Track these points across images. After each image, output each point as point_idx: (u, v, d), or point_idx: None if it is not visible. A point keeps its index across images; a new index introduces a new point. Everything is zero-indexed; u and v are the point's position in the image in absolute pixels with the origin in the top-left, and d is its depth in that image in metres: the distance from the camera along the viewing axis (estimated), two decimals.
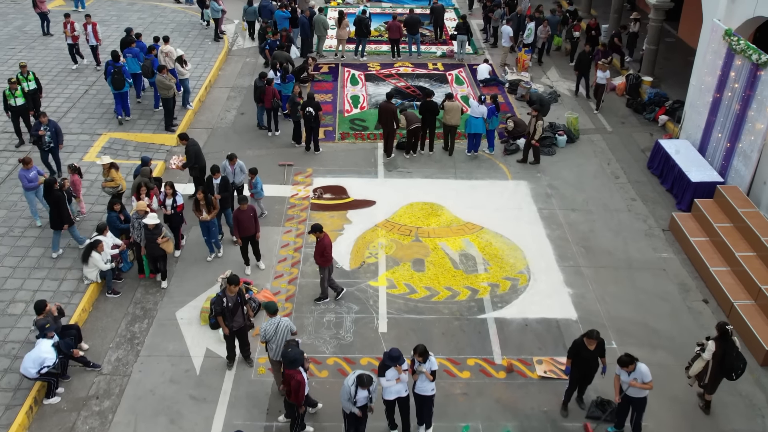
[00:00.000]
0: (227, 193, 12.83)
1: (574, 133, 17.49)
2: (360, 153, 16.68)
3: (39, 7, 22.57)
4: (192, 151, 13.84)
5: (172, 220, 12.61)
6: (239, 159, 13.57)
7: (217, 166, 12.85)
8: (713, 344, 9.39)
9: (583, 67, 19.47)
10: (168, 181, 12.52)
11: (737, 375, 9.44)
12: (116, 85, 16.94)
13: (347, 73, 21.17)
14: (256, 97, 17.01)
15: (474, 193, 15.12)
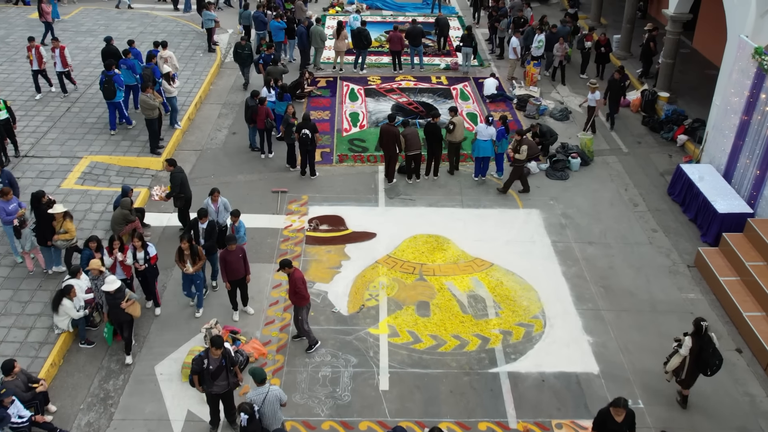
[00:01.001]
0: (213, 240, 11.56)
1: (588, 155, 16.36)
2: (359, 178, 15.55)
3: (44, 16, 21.51)
4: (178, 179, 12.73)
5: (146, 274, 11.23)
6: (229, 186, 12.50)
7: (204, 210, 11.55)
8: (690, 340, 9.49)
9: (613, 95, 17.61)
10: (136, 233, 11.18)
11: (712, 371, 9.60)
12: (106, 94, 16.02)
13: (346, 87, 20.05)
14: (247, 117, 15.88)
15: (482, 224, 14.01)
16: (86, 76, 19.68)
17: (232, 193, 14.71)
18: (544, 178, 15.69)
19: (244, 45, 19.02)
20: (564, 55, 19.94)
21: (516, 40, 20.09)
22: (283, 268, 10.35)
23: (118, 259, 11.02)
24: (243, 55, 19.12)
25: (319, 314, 11.54)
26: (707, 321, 9.62)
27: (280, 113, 16.33)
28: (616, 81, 17.44)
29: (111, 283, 10.11)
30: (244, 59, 19.18)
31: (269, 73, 17.41)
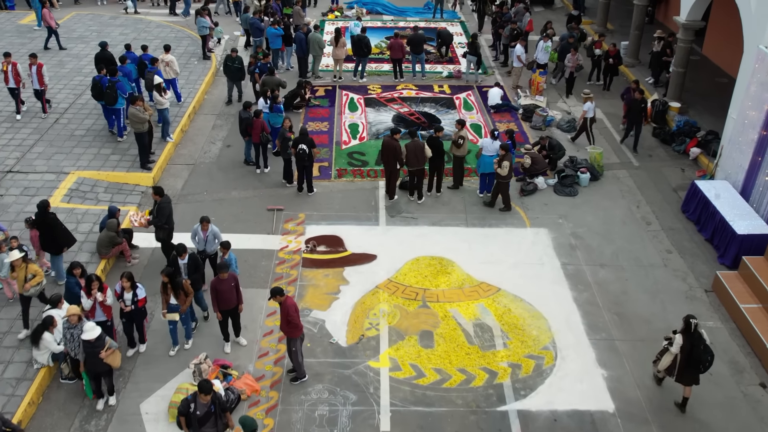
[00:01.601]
0: (197, 275, 10.77)
1: (598, 169, 15.68)
2: (359, 194, 14.87)
3: (47, 21, 20.91)
4: (166, 210, 11.83)
5: (133, 317, 10.29)
6: (223, 203, 11.81)
7: (183, 246, 10.74)
8: (680, 338, 9.45)
9: (634, 116, 16.44)
10: (125, 272, 10.15)
11: (705, 368, 9.55)
12: (108, 100, 15.61)
13: (345, 96, 19.36)
14: (241, 130, 15.20)
15: (488, 245, 13.33)
16: (76, 85, 19.01)
17: (226, 211, 14.09)
18: (552, 195, 15.01)
19: (234, 58, 17.87)
20: (575, 66, 19.11)
21: (520, 47, 19.40)
22: (275, 296, 9.71)
23: (98, 300, 10.07)
24: (233, 68, 18.00)
25: (315, 345, 10.87)
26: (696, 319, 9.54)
27: (276, 125, 15.67)
28: (637, 101, 16.28)
29: (90, 331, 9.15)
30: (234, 73, 18.06)
31: (265, 83, 16.73)
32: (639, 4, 20.94)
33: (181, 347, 10.74)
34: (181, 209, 14.10)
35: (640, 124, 16.55)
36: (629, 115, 16.68)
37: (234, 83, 18.33)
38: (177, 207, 14.12)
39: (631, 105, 16.52)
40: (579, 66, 19.27)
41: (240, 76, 18.12)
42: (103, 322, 10.04)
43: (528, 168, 15.10)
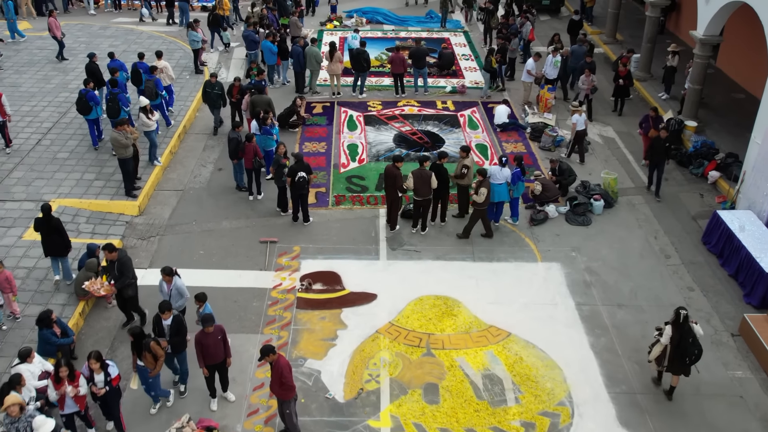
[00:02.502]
0: (179, 338, 9.60)
1: (612, 196, 14.75)
2: (358, 224, 13.95)
3: (53, 31, 20.15)
4: (128, 265, 10.58)
5: (107, 399, 8.98)
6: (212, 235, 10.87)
7: (168, 304, 9.63)
8: (670, 329, 9.60)
9: (657, 156, 14.52)
10: (93, 351, 8.95)
11: (691, 360, 9.67)
12: (110, 113, 15.23)
13: (344, 114, 18.43)
14: (230, 151, 14.26)
15: (497, 282, 12.40)
16: (61, 102, 18.10)
17: (216, 243, 13.18)
18: (563, 224, 14.09)
19: (214, 83, 16.35)
20: (591, 88, 17.98)
21: (531, 61, 18.45)
22: (265, 356, 8.80)
23: (68, 393, 8.68)
24: (212, 95, 16.45)
25: (310, 401, 9.95)
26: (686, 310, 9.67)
27: (267, 149, 14.76)
28: (660, 140, 14.35)
29: (42, 427, 7.85)
30: (214, 100, 16.52)
31: (254, 103, 15.80)
32: (651, 16, 20.00)
33: (164, 404, 9.83)
34: (167, 242, 13.22)
35: (663, 166, 14.71)
36: (652, 155, 14.79)
37: (214, 111, 16.87)
38: (164, 239, 13.31)
39: (653, 143, 14.62)
40: (594, 88, 18.03)
41: (220, 103, 16.62)
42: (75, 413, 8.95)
43: (538, 195, 14.18)
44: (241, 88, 16.49)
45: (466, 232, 13.48)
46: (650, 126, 15.65)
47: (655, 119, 15.68)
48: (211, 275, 12.33)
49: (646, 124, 15.93)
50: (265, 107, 15.46)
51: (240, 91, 16.45)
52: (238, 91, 16.49)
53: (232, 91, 16.64)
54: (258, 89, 16.65)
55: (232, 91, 16.62)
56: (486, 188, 12.87)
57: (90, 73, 16.58)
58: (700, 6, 16.70)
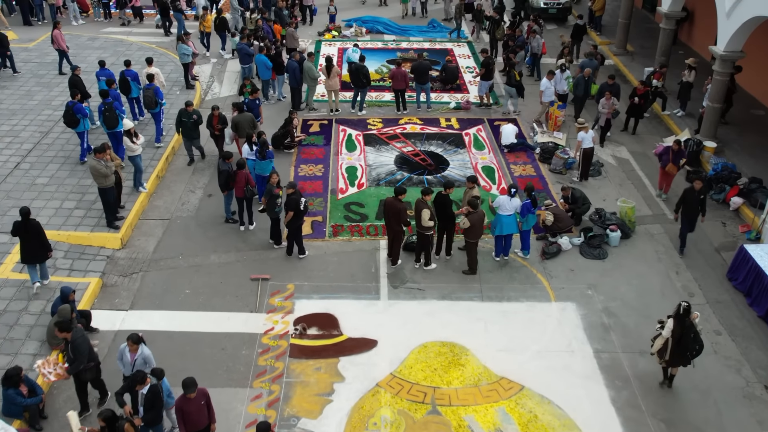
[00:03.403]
0: (154, 412, 8.55)
1: (630, 226, 13.77)
2: (357, 258, 12.97)
3: (58, 43, 19.31)
4: (84, 346, 9.10)
5: None
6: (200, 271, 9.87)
7: (143, 375, 8.55)
8: (671, 322, 9.60)
9: (689, 211, 12.85)
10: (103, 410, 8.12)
11: (692, 355, 9.69)
12: (108, 123, 14.57)
13: (342, 132, 17.45)
14: (221, 183, 13.27)
15: (507, 325, 11.43)
16: (44, 121, 17.15)
17: (203, 281, 12.21)
18: (578, 257, 13.12)
19: (189, 112, 14.83)
20: (612, 112, 16.74)
21: (547, 81, 17.36)
22: None
23: None
24: (188, 124, 14.84)
25: None
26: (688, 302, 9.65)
27: (266, 175, 13.80)
28: (693, 192, 12.64)
29: None
30: (190, 130, 14.93)
31: (237, 124, 14.86)
32: (666, 28, 19.05)
33: None
34: (151, 279, 12.25)
35: (695, 221, 12.97)
36: (684, 208, 12.86)
37: (190, 142, 15.35)
38: (147, 276, 12.36)
39: (686, 196, 12.74)
40: (616, 111, 16.80)
41: (197, 133, 15.19)
42: None
43: (550, 226, 13.21)
44: (221, 117, 15.09)
45: (471, 268, 12.53)
46: (669, 160, 14.31)
47: (676, 153, 14.26)
48: (197, 318, 11.37)
49: (665, 157, 14.44)
50: (249, 127, 14.52)
51: (221, 120, 15.10)
52: (219, 121, 15.08)
53: (211, 122, 15.13)
54: (251, 109, 15.70)
55: (212, 122, 15.11)
56: (473, 220, 11.96)
57: (72, 86, 15.77)
58: (720, 20, 15.75)
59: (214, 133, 15.21)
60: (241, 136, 14.87)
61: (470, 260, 12.52)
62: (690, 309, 9.62)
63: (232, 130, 15.04)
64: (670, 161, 14.31)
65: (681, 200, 12.86)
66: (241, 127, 14.91)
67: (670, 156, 14.32)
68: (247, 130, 14.70)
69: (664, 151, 14.58)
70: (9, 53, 19.63)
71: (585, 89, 17.46)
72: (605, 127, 16.82)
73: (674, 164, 14.15)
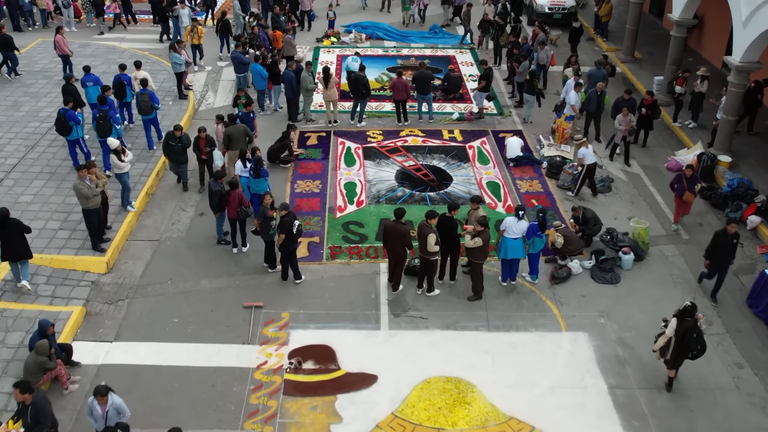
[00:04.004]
0: None
1: (643, 248, 13.09)
2: (356, 282, 12.28)
3: (60, 48, 18.75)
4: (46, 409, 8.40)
5: None
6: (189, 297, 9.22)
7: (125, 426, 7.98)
8: (675, 321, 9.58)
9: (722, 256, 11.56)
10: None
11: (693, 355, 9.70)
12: (101, 131, 14.12)
13: (341, 145, 16.76)
14: (213, 204, 12.60)
15: (516, 357, 10.74)
16: (30, 134, 16.47)
17: (193, 309, 11.53)
18: (589, 282, 12.44)
19: (178, 136, 13.82)
20: (629, 129, 15.83)
21: (575, 94, 16.52)
22: None
23: None
24: (176, 149, 13.90)
25: None
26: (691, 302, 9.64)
27: (261, 193, 13.16)
28: (726, 235, 11.42)
29: None
30: (178, 154, 14.02)
31: (229, 136, 14.20)
32: (677, 36, 18.34)
33: None
34: (138, 307, 11.57)
35: (727, 267, 11.80)
36: (715, 254, 11.55)
37: (177, 167, 14.35)
38: (134, 303, 11.69)
39: (717, 240, 11.45)
40: (633, 129, 15.94)
41: (185, 157, 14.18)
42: None
43: (560, 249, 12.52)
44: (209, 139, 14.13)
45: (476, 293, 11.86)
46: (684, 188, 13.11)
47: (690, 179, 13.08)
48: (186, 351, 10.68)
49: (679, 185, 13.19)
50: (242, 139, 13.89)
51: (208, 142, 14.10)
52: (206, 143, 14.07)
53: (198, 144, 14.08)
54: (245, 122, 15.02)
55: (199, 144, 14.07)
56: (483, 240, 11.27)
57: (66, 94, 15.22)
58: (736, 30, 15.06)
59: (200, 156, 14.21)
60: (234, 149, 14.24)
61: (475, 284, 11.85)
62: (694, 309, 9.53)
63: (224, 143, 14.35)
64: (686, 189, 13.11)
65: (712, 245, 11.54)
66: (235, 140, 14.24)
67: (684, 183, 13.11)
68: (240, 144, 14.04)
69: (677, 179, 13.28)
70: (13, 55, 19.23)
71: (598, 104, 16.57)
72: (625, 146, 16.00)
73: (690, 191, 13.14)
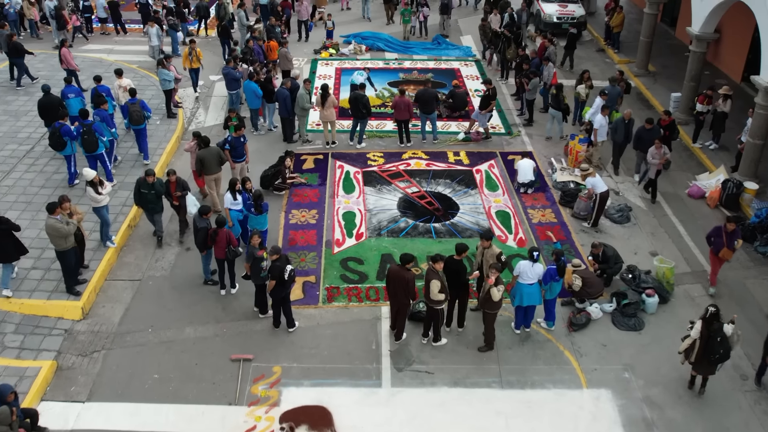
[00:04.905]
0: None
1: (667, 288, 12.02)
2: (355, 330, 11.20)
3: (67, 62, 17.96)
4: None
5: None
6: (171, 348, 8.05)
7: None
8: (700, 323, 9.56)
9: None
10: None
11: (715, 360, 9.56)
12: (87, 147, 13.67)
13: (339, 169, 15.68)
14: (198, 242, 11.53)
15: (532, 420, 9.66)
16: (6, 157, 15.44)
17: (174, 362, 10.47)
18: (610, 328, 11.36)
19: (151, 183, 12.12)
20: (664, 163, 14.45)
21: (602, 117, 15.33)
22: None
23: None
24: (148, 197, 12.23)
25: None
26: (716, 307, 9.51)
27: (261, 228, 12.15)
28: None
29: None
30: (152, 204, 12.34)
31: (201, 160, 13.24)
32: (696, 51, 17.27)
33: None
34: (114, 359, 10.50)
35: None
36: None
37: (153, 216, 12.69)
38: (110, 355, 10.64)
39: None
40: (668, 162, 14.68)
41: (159, 206, 12.53)
42: None
43: (578, 292, 11.44)
44: (180, 182, 12.50)
45: (488, 343, 10.79)
46: (723, 243, 11.50)
47: (731, 234, 11.42)
48: (165, 413, 9.61)
49: (717, 240, 11.59)
50: (217, 163, 13.12)
51: (179, 186, 12.46)
52: (177, 187, 12.44)
53: (169, 189, 12.46)
54: (235, 147, 13.94)
55: (169, 189, 12.45)
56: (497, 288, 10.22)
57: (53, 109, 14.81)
58: (764, 49, 13.99)
59: (172, 203, 12.64)
60: (208, 174, 13.34)
61: (487, 334, 10.78)
62: (718, 314, 9.46)
63: (196, 167, 13.45)
64: (724, 245, 11.52)
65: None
66: (207, 164, 13.32)
67: (723, 238, 11.53)
68: (214, 169, 13.24)
69: (715, 231, 11.70)
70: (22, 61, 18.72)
71: (626, 134, 15.20)
72: (653, 187, 14.66)
73: (729, 248, 11.54)
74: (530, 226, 13.79)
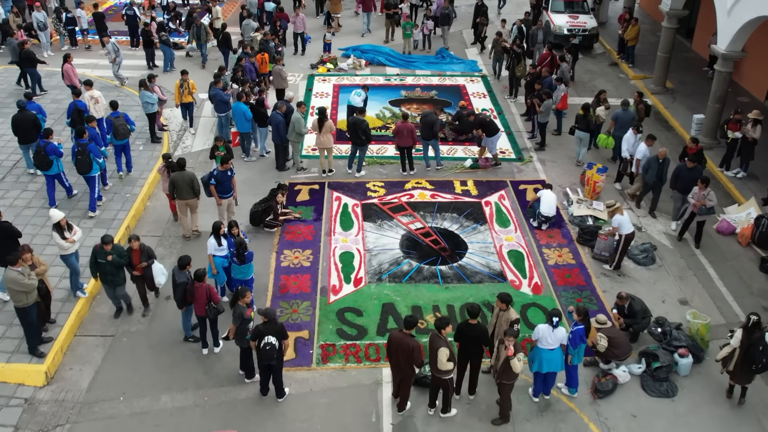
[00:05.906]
0: None
1: (702, 345, 10.76)
2: (352, 398, 9.94)
3: (69, 78, 16.90)
4: None
5: None
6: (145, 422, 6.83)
7: None
8: (740, 332, 9.36)
9: None
10: None
11: (758, 369, 9.31)
12: (80, 167, 12.94)
13: (336, 202, 14.42)
14: (177, 297, 10.25)
15: None
16: None
17: None
18: (640, 394, 10.10)
19: (107, 251, 10.29)
20: (702, 205, 12.70)
21: (645, 147, 13.96)
22: None
23: None
24: (106, 268, 10.42)
25: None
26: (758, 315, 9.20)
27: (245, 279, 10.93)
28: None
29: None
30: (111, 275, 10.52)
31: (173, 183, 12.38)
32: (722, 70, 16.01)
33: None
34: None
35: None
36: None
37: (113, 290, 10.82)
38: (75, 429, 9.34)
39: None
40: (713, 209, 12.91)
41: (120, 278, 10.67)
42: None
43: (603, 353, 10.18)
44: (144, 249, 10.64)
45: (504, 416, 9.54)
46: None
47: None
48: None
49: None
50: (189, 189, 12.26)
51: (143, 253, 10.63)
52: (141, 256, 10.62)
53: (131, 259, 10.64)
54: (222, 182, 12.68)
55: (131, 259, 10.63)
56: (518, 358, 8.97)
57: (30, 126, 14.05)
58: None
59: (133, 274, 10.77)
60: (180, 199, 12.47)
61: (503, 405, 9.52)
62: (759, 323, 9.21)
63: (169, 190, 12.53)
64: None
65: None
66: (179, 189, 12.40)
67: None
68: (186, 194, 12.35)
69: None
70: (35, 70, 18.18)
71: (660, 174, 13.65)
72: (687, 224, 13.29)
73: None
74: (546, 269, 12.53)
